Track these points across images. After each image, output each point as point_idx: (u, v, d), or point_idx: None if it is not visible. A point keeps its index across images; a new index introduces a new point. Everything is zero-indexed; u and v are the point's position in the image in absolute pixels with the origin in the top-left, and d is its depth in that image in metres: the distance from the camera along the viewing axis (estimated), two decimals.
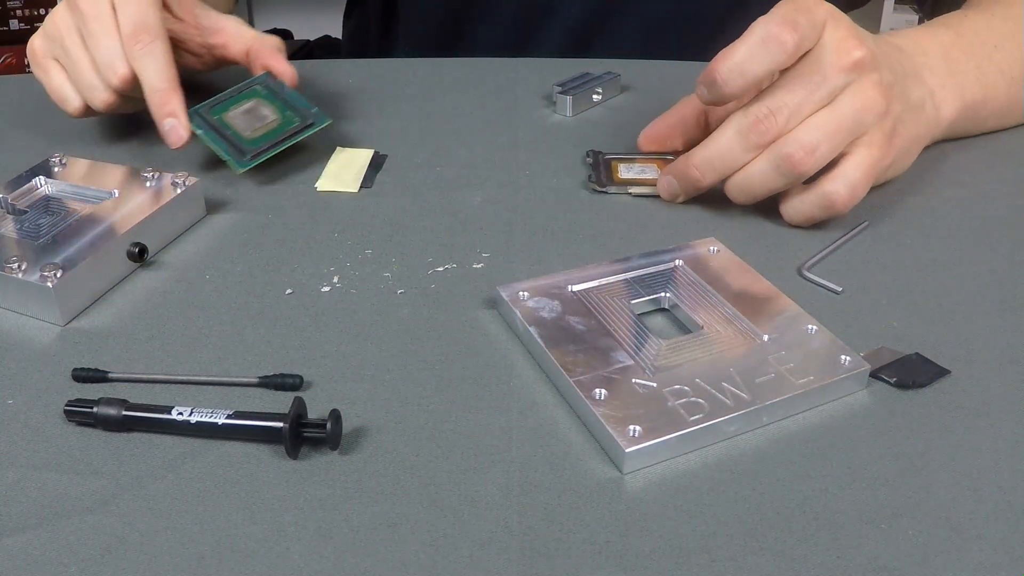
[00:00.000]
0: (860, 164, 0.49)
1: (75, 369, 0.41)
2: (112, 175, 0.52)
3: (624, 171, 0.56)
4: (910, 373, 0.41)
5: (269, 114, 0.56)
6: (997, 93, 0.58)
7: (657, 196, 0.54)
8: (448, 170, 0.58)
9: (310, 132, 0.56)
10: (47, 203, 0.50)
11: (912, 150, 0.54)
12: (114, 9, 0.54)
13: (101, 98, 0.55)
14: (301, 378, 0.40)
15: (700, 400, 0.38)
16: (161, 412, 0.38)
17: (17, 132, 0.63)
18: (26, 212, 0.49)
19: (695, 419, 0.37)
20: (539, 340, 0.41)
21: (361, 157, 0.59)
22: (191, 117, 0.55)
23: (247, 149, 0.54)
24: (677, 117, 0.57)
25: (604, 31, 0.80)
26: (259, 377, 0.40)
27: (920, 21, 0.89)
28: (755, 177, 0.49)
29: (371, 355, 0.42)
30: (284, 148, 0.55)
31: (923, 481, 0.36)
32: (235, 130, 0.56)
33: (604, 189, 0.55)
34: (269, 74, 0.59)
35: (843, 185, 0.49)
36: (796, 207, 0.50)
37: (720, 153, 0.50)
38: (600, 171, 0.56)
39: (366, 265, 0.49)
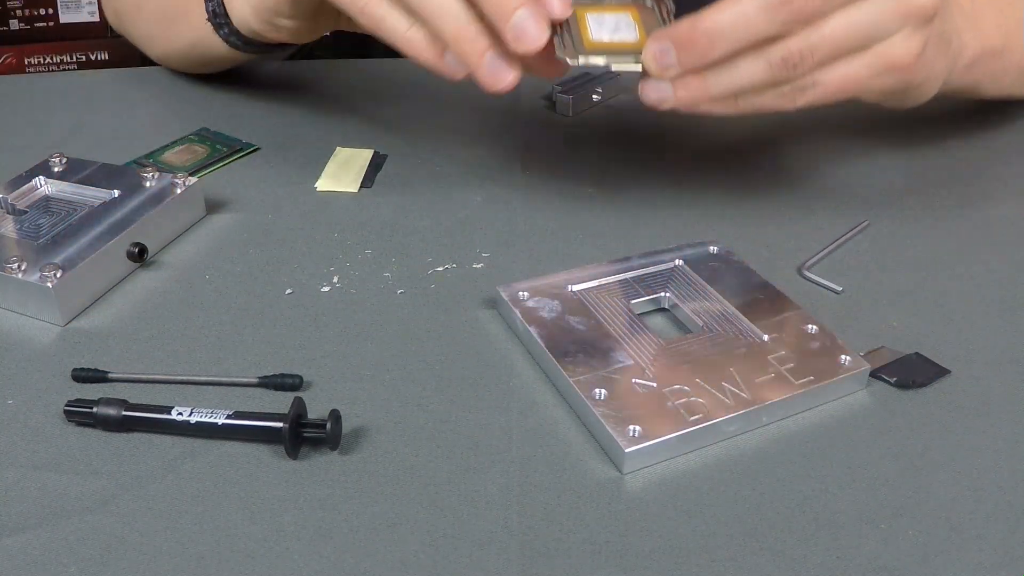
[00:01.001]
0: (837, 76, 0.43)
1: (75, 369, 0.41)
2: (112, 175, 0.52)
3: (595, 27, 0.45)
4: (910, 373, 0.41)
5: (200, 150, 0.60)
6: (1015, 46, 0.54)
7: (643, 76, 0.44)
8: (448, 170, 0.58)
9: (238, 156, 0.59)
10: (47, 203, 0.50)
11: (932, 83, 0.49)
12: None
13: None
14: (301, 378, 0.40)
15: (700, 400, 0.38)
16: (161, 412, 0.38)
17: (17, 132, 0.63)
18: (26, 212, 0.49)
19: (695, 419, 0.37)
20: (539, 340, 0.41)
21: (361, 157, 0.59)
22: (128, 164, 0.57)
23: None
24: None
25: None
26: (259, 377, 0.40)
27: None
28: (741, 67, 0.42)
29: (371, 355, 0.42)
30: (215, 169, 0.58)
31: (923, 481, 0.36)
32: (168, 165, 0.58)
33: (575, 59, 0.43)
34: (205, 128, 0.62)
35: (806, 85, 0.43)
36: (751, 97, 0.44)
37: (737, 22, 0.41)
38: (566, 32, 0.44)
39: (366, 265, 0.49)
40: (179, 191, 0.51)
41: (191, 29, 0.62)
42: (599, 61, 0.44)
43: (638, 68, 0.44)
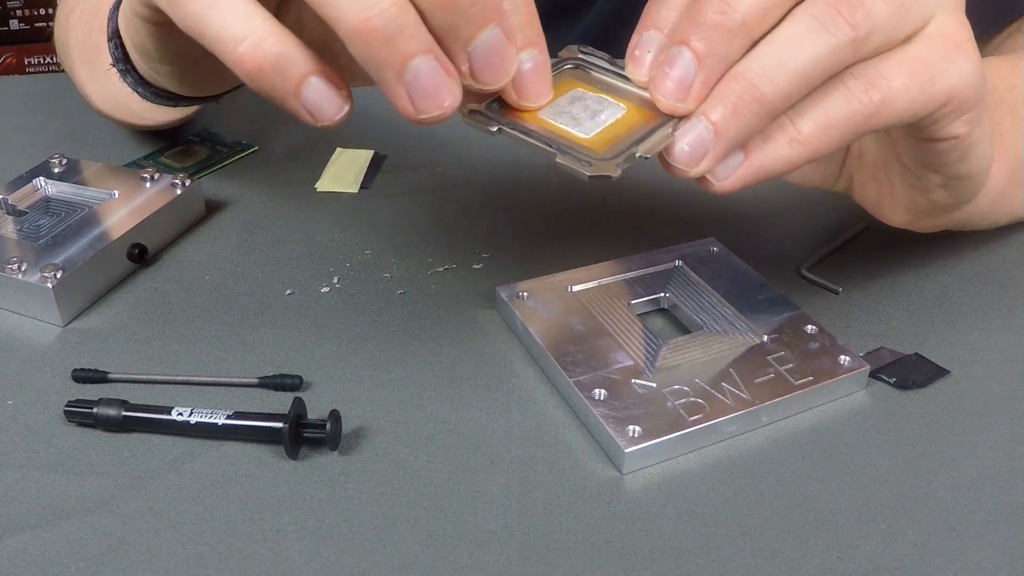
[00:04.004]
0: (901, 62, 0.34)
1: (75, 370, 0.41)
2: (112, 175, 0.52)
3: (573, 126, 0.34)
4: (910, 373, 0.41)
5: (200, 151, 0.59)
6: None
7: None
8: (448, 170, 0.58)
9: (238, 157, 0.59)
10: (47, 204, 0.50)
11: (984, 152, 0.40)
12: None
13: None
14: (301, 378, 0.40)
15: (700, 400, 0.38)
16: (161, 412, 0.38)
17: (17, 132, 0.63)
18: (26, 213, 0.49)
19: (695, 419, 0.37)
20: (539, 340, 0.41)
21: (361, 158, 0.59)
22: (128, 165, 0.56)
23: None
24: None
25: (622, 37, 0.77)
26: (259, 377, 0.40)
27: None
28: (792, 40, 0.32)
29: (371, 355, 0.42)
30: (215, 170, 0.58)
31: (923, 481, 0.36)
32: (169, 166, 0.58)
33: (612, 172, 0.32)
34: (205, 129, 0.61)
35: (872, 75, 0.34)
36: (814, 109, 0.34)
37: (790, 52, 0.32)
38: (564, 149, 0.33)
39: (366, 265, 0.49)
40: (179, 192, 0.51)
41: (106, 78, 0.51)
42: (639, 153, 0.33)
43: (672, 134, 0.33)
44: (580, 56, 0.37)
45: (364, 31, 0.30)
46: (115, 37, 0.48)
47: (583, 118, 0.34)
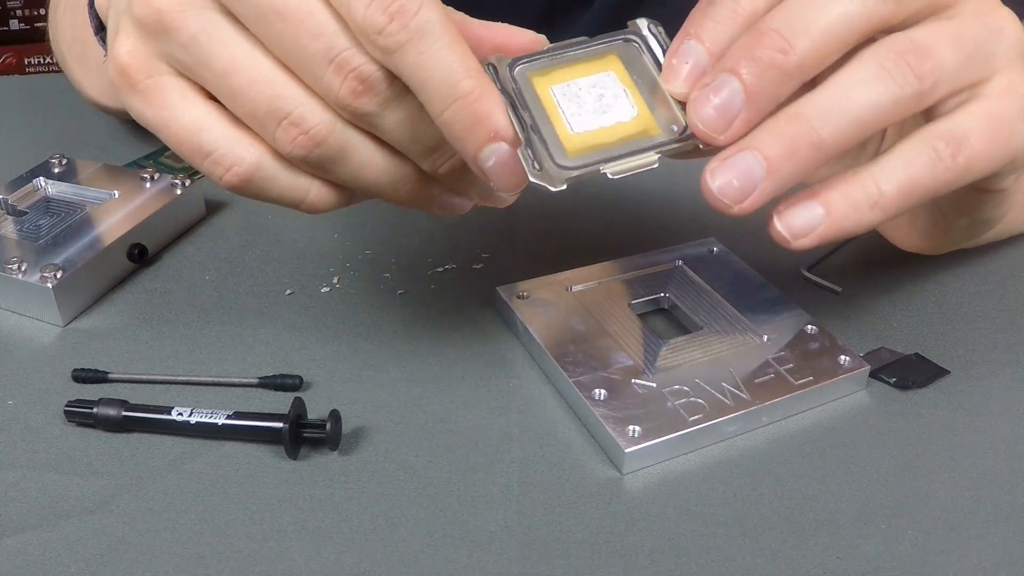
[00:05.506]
0: (975, 118, 0.33)
1: (75, 370, 0.41)
2: (112, 176, 0.52)
3: (569, 107, 0.32)
4: (910, 373, 0.41)
5: None
6: None
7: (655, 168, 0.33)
8: None
9: None
10: (47, 204, 0.50)
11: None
12: None
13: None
14: (301, 378, 0.40)
15: (700, 400, 0.38)
16: (161, 412, 0.38)
17: (17, 132, 0.63)
18: (26, 213, 0.49)
19: (695, 419, 0.37)
20: (539, 340, 0.41)
21: None
22: (129, 165, 0.54)
23: None
24: None
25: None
26: (259, 377, 0.40)
27: None
28: (857, 86, 0.31)
29: (371, 355, 0.42)
30: None
31: (923, 481, 0.36)
32: (169, 166, 0.57)
33: (558, 184, 0.31)
34: None
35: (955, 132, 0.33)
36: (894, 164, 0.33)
37: (854, 98, 0.31)
38: (534, 140, 0.32)
39: (366, 265, 0.49)
40: (179, 192, 0.51)
41: (99, 72, 0.52)
42: (606, 171, 0.31)
43: (655, 163, 0.32)
44: (644, 34, 0.34)
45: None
46: (101, 32, 0.48)
47: (587, 109, 0.33)
